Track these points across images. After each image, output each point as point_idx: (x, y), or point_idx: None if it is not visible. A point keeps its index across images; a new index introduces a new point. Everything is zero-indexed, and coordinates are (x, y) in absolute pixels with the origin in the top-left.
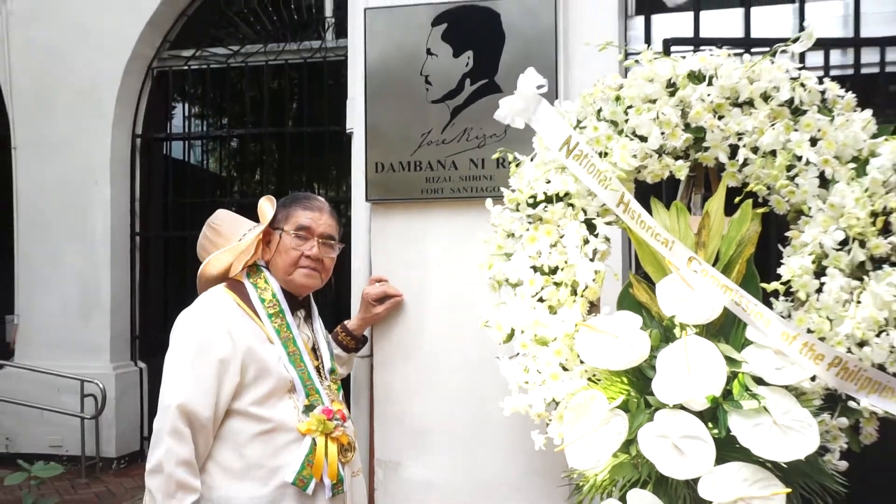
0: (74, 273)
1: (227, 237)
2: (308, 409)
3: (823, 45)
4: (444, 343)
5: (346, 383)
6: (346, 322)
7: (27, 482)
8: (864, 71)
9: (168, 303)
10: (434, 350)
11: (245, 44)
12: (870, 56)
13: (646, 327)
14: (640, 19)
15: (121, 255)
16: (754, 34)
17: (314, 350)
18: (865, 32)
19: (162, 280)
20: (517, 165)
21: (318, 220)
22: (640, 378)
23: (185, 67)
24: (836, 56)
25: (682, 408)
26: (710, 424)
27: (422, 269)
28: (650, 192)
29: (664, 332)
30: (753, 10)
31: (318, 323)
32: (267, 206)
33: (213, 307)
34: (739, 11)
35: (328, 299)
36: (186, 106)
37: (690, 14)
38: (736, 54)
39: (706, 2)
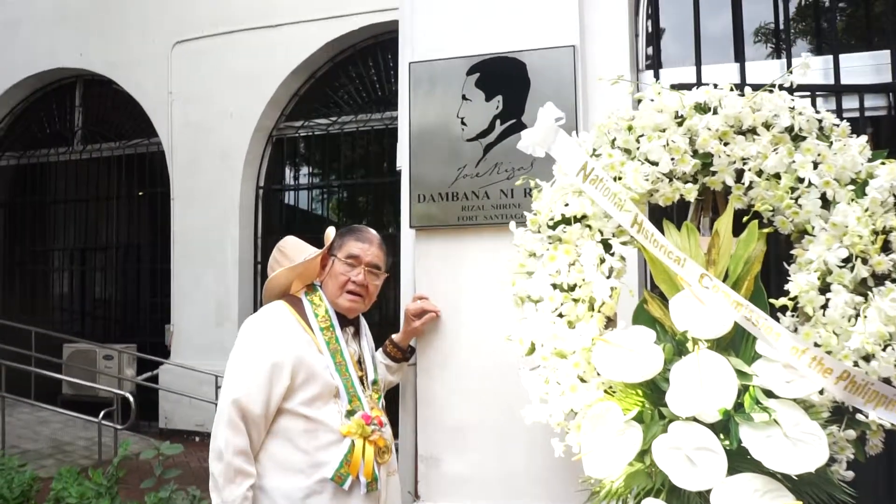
0: (212, 292)
1: (290, 259)
2: (350, 413)
3: (810, 89)
4: (476, 352)
5: (394, 389)
6: (393, 336)
7: (157, 457)
8: (846, 115)
9: None
10: (468, 358)
11: (341, 115)
12: (850, 103)
13: (660, 341)
14: (650, 73)
15: (246, 278)
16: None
17: (359, 362)
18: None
19: None
20: (539, 191)
21: (366, 251)
22: (654, 390)
23: (297, 135)
24: (819, 103)
25: (695, 420)
26: (722, 436)
27: (458, 287)
28: (662, 215)
29: (677, 347)
30: (747, 64)
31: (366, 339)
32: (329, 234)
33: (271, 317)
34: (735, 66)
35: (386, 315)
36: (297, 164)
37: (693, 69)
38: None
39: (706, 58)
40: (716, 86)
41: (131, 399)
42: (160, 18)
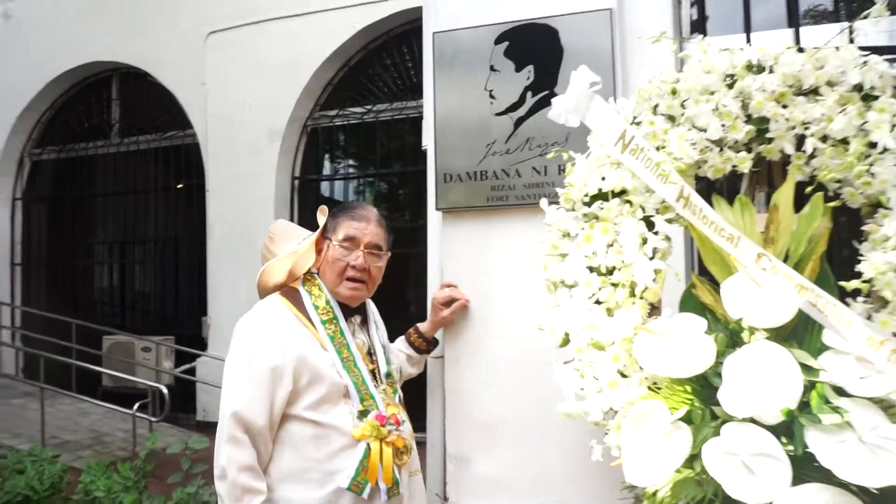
0: (246, 284)
1: (281, 245)
2: (362, 414)
3: (877, 52)
4: (507, 343)
5: (421, 381)
6: (419, 324)
7: (184, 451)
8: None
9: None
10: (498, 350)
11: (376, 103)
12: None
13: (710, 331)
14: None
15: None
16: None
17: (370, 354)
18: None
19: None
20: (572, 165)
21: (364, 230)
22: (704, 387)
23: (331, 124)
24: None
25: (753, 421)
26: (784, 440)
27: (487, 273)
28: (710, 191)
29: (731, 337)
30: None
31: (375, 327)
32: (319, 217)
33: (266, 316)
34: (788, 32)
35: (410, 302)
36: (332, 153)
37: (741, 36)
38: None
39: (756, 25)
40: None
41: (165, 391)
42: (193, 10)
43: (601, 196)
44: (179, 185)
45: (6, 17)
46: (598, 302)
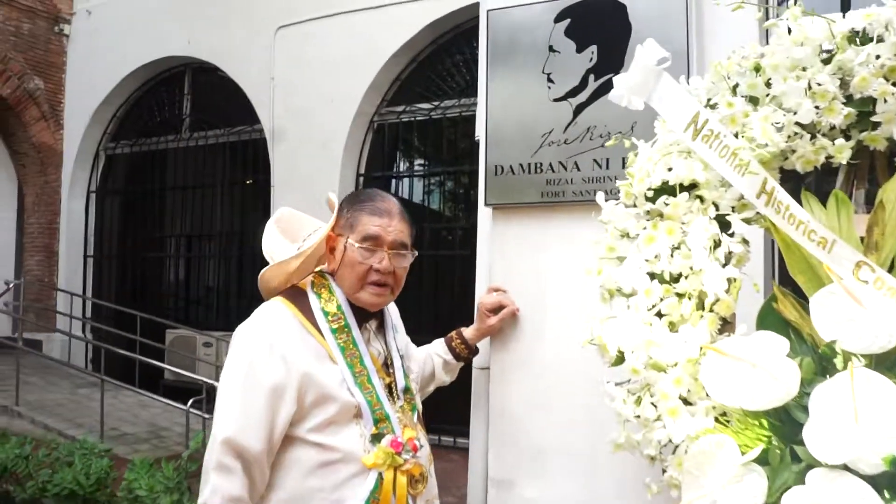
0: None
1: (290, 238)
2: (376, 438)
3: None
4: (562, 358)
5: (463, 390)
6: (463, 329)
7: None
8: None
9: None
10: (551, 365)
11: (443, 99)
12: None
13: (794, 354)
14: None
15: None
16: None
17: (385, 366)
18: None
19: None
20: (635, 153)
21: (387, 228)
22: (785, 422)
23: (398, 120)
24: None
25: (847, 468)
26: (887, 495)
27: (540, 278)
28: (797, 187)
29: (820, 363)
30: None
31: (393, 333)
32: (331, 204)
33: (267, 325)
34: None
35: (453, 305)
36: (399, 150)
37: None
38: None
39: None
40: None
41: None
42: (265, 3)
43: (667, 190)
44: (249, 181)
45: (89, 14)
46: (659, 314)
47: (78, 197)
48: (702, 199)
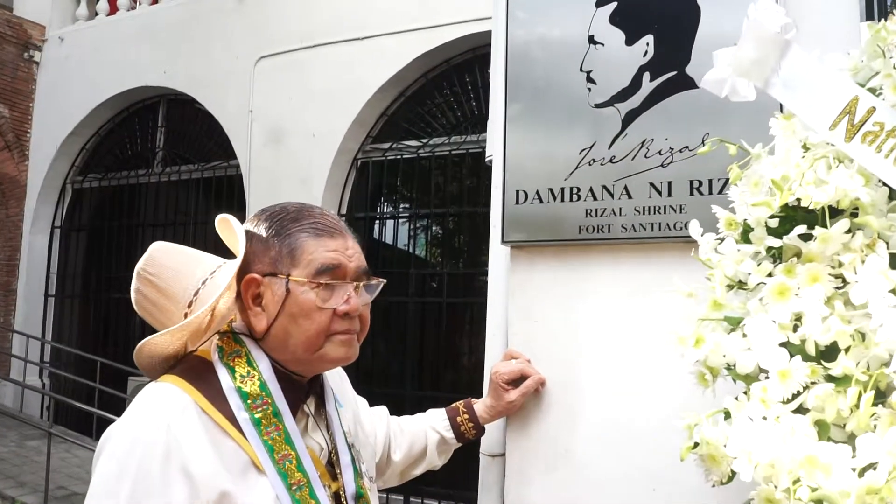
0: None
1: (170, 294)
2: None
3: None
4: (604, 449)
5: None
6: (472, 401)
7: None
8: None
9: None
10: (590, 458)
11: (432, 137)
12: None
13: None
14: None
15: None
16: None
17: (330, 464)
18: None
19: None
20: (743, 167)
21: (345, 250)
22: None
23: (383, 157)
24: None
25: None
26: None
27: (576, 340)
28: None
29: None
30: None
31: (337, 409)
32: (238, 233)
33: (156, 422)
34: None
35: (464, 369)
36: (383, 190)
37: None
38: None
39: None
40: None
41: None
42: (245, 33)
43: (801, 217)
44: None
45: (61, 41)
46: (800, 410)
47: (41, 232)
48: (862, 227)
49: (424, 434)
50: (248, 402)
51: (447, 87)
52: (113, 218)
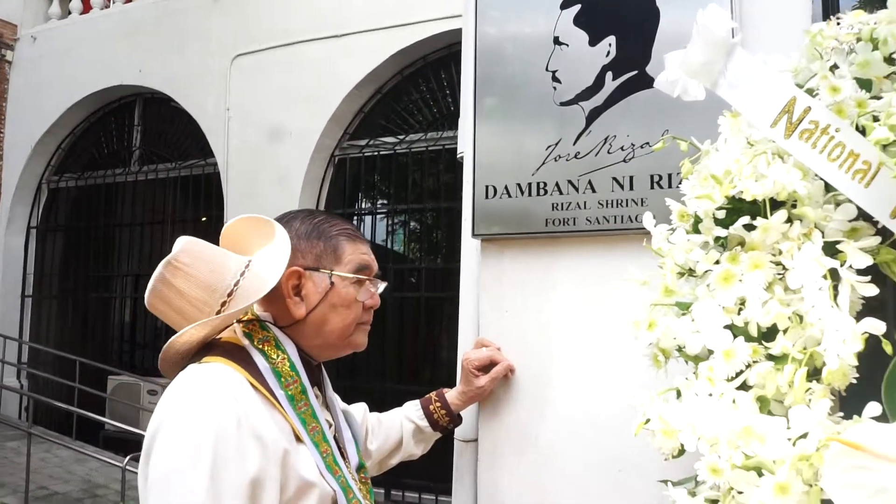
0: None
1: (207, 284)
2: None
3: None
4: (572, 434)
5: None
6: (445, 391)
7: None
8: None
9: None
10: (558, 443)
11: (409, 133)
12: None
13: None
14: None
15: None
16: None
17: (335, 439)
18: None
19: None
20: (693, 161)
21: (371, 255)
22: None
23: (360, 154)
24: None
25: None
26: None
27: (544, 328)
28: None
29: None
30: None
31: (332, 394)
32: (281, 233)
33: (224, 393)
34: None
35: (444, 363)
36: (361, 186)
37: None
38: None
39: None
40: None
41: None
42: (221, 31)
43: (741, 210)
44: (202, 218)
45: (34, 40)
46: (744, 387)
47: (17, 233)
48: (801, 219)
49: (400, 424)
50: (282, 380)
51: (423, 84)
52: (90, 217)
